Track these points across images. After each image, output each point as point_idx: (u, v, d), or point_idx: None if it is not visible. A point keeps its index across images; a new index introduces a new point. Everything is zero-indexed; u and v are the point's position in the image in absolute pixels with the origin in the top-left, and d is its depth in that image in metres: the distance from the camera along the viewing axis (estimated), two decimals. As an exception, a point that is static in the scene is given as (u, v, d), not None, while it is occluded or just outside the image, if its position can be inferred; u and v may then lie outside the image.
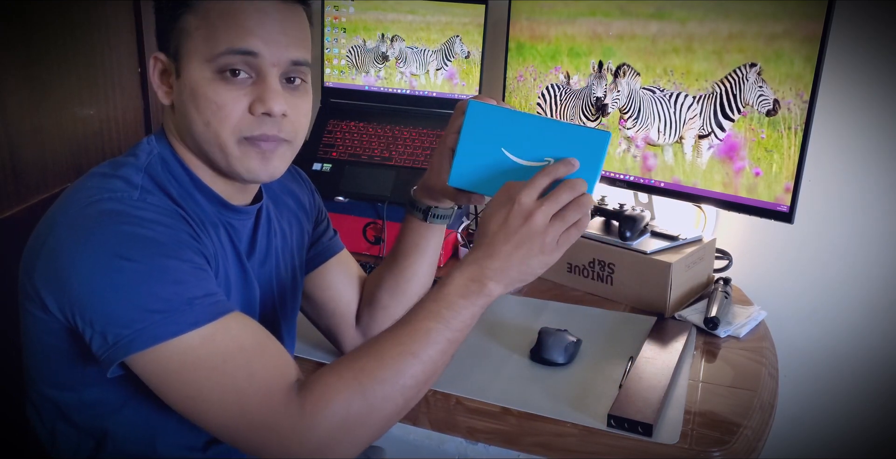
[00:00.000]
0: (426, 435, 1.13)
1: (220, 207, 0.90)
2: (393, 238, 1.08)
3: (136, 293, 0.75)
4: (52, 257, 0.78)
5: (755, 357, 1.23)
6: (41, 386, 0.88)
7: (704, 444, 1.01)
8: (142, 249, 0.76)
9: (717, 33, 1.29)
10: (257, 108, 0.83)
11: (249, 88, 0.83)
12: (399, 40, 1.66)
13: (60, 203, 0.83)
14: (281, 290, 1.01)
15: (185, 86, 0.84)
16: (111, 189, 0.81)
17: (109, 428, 0.88)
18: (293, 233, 1.04)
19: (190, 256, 0.79)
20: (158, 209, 0.80)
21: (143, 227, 0.77)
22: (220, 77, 0.82)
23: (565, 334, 1.21)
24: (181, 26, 0.84)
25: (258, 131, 0.84)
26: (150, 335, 0.75)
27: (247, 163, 0.85)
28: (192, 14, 0.83)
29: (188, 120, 0.85)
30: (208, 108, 0.83)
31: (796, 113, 1.23)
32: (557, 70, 1.49)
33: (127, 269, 0.75)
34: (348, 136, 1.64)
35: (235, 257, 0.92)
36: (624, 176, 1.45)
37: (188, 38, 0.83)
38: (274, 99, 0.83)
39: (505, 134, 0.86)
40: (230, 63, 0.82)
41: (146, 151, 0.88)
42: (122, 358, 0.76)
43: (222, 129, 0.83)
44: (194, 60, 0.83)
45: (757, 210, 1.30)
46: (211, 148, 0.85)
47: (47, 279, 0.79)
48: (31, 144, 1.24)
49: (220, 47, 0.82)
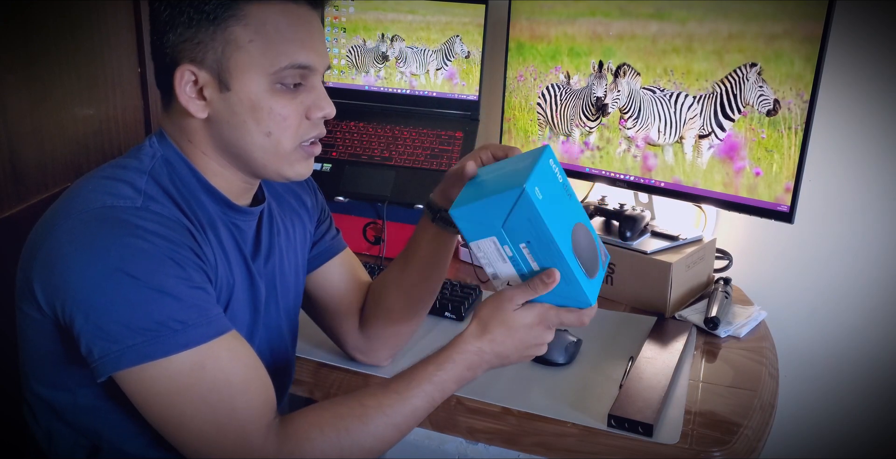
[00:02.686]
0: (426, 435, 1.13)
1: (226, 207, 0.90)
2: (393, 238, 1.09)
3: (131, 311, 0.75)
4: (51, 262, 0.78)
5: (755, 357, 1.23)
6: (36, 386, 0.89)
7: (705, 444, 1.01)
8: (141, 264, 0.76)
9: (718, 33, 1.29)
10: (315, 113, 0.86)
11: (302, 95, 0.86)
12: (399, 40, 1.66)
13: (61, 205, 0.82)
14: (284, 289, 1.01)
15: (241, 99, 0.83)
16: (114, 194, 0.80)
17: (104, 430, 0.88)
18: (296, 232, 1.04)
19: (189, 273, 0.79)
20: (161, 219, 0.80)
21: (144, 239, 0.77)
22: (280, 89, 0.84)
23: (565, 334, 1.21)
24: (228, 38, 0.82)
25: (315, 133, 0.88)
26: (139, 354, 0.76)
27: (298, 167, 0.88)
28: (243, 25, 0.82)
29: (241, 131, 0.85)
30: (272, 119, 0.84)
31: (796, 113, 1.23)
32: (557, 70, 1.49)
33: (125, 285, 0.75)
34: (348, 136, 1.64)
35: (241, 257, 0.92)
36: (624, 176, 1.45)
37: (239, 51, 0.82)
38: (329, 104, 0.87)
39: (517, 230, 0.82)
40: (291, 76, 0.84)
41: (150, 153, 0.87)
42: (109, 373, 0.77)
43: (285, 137, 0.85)
44: (251, 73, 0.83)
45: (757, 210, 1.30)
46: (267, 156, 0.86)
47: (44, 282, 0.79)
48: (31, 144, 1.23)
49: (281, 62, 0.83)
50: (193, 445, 0.80)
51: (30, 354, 0.87)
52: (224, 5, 0.81)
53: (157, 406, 0.79)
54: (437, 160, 1.58)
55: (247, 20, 0.82)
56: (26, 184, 1.23)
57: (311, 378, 1.15)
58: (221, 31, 0.82)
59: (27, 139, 1.23)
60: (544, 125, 1.53)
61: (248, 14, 0.81)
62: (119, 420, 0.86)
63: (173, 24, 0.82)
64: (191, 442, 0.79)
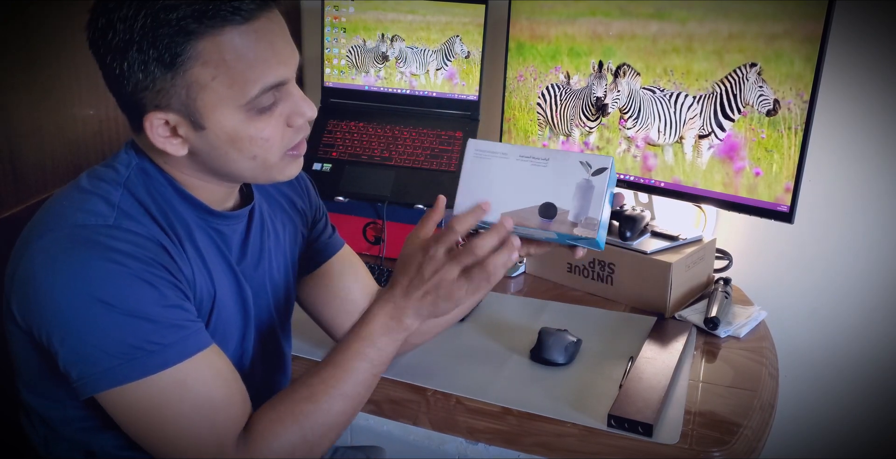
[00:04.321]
0: (426, 435, 1.13)
1: (205, 214, 0.88)
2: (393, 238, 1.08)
3: (105, 336, 0.75)
4: (26, 281, 0.78)
5: (755, 357, 1.23)
6: (28, 397, 0.89)
7: (704, 444, 1.01)
8: (113, 289, 0.75)
9: (718, 33, 1.29)
10: (296, 120, 0.83)
11: (279, 107, 0.82)
12: (399, 40, 1.66)
13: (38, 220, 0.82)
14: (275, 291, 1.01)
15: (218, 134, 0.80)
16: (86, 210, 0.79)
17: (96, 441, 0.88)
18: (286, 233, 1.03)
19: (163, 293, 0.79)
20: (134, 238, 0.79)
21: (115, 262, 0.76)
22: (255, 114, 0.80)
23: (565, 334, 1.21)
24: (189, 81, 0.77)
25: (299, 137, 0.85)
26: (117, 376, 0.76)
27: (287, 171, 0.87)
28: (201, 65, 0.76)
29: (225, 160, 0.83)
30: (255, 144, 0.81)
31: (796, 113, 1.23)
32: (557, 70, 1.49)
33: (100, 313, 0.75)
34: (348, 136, 1.64)
35: (224, 263, 0.91)
36: (624, 176, 1.45)
37: (205, 91, 0.77)
38: (307, 106, 0.83)
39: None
40: (266, 100, 0.80)
41: (125, 163, 0.85)
42: (89, 395, 0.77)
43: (270, 154, 0.83)
44: (222, 108, 0.78)
45: (757, 210, 1.30)
46: (254, 172, 0.85)
47: (20, 301, 0.79)
48: (31, 144, 1.23)
49: (251, 91, 0.78)
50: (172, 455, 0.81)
51: (19, 366, 0.88)
52: (174, 48, 0.75)
53: (140, 422, 0.80)
54: (437, 160, 1.58)
55: (203, 58, 0.76)
56: (26, 184, 1.23)
57: (310, 378, 1.15)
58: (180, 75, 0.76)
59: (27, 139, 1.23)
60: (544, 125, 1.53)
61: (202, 51, 0.75)
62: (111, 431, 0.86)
63: (127, 75, 0.77)
64: (170, 452, 0.81)
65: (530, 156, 0.86)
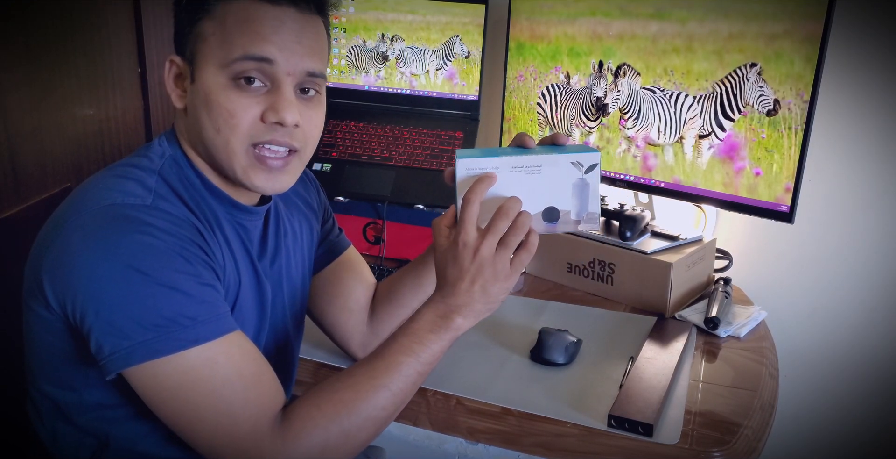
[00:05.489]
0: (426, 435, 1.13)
1: (231, 207, 0.90)
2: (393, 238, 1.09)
3: (141, 307, 0.75)
4: (61, 258, 0.78)
5: (755, 357, 1.23)
6: (42, 385, 0.88)
7: (705, 444, 1.01)
8: (151, 260, 0.76)
9: (718, 33, 1.29)
10: (269, 117, 0.83)
11: (263, 96, 0.83)
12: (399, 40, 1.66)
13: (72, 202, 0.82)
14: (291, 289, 1.01)
15: (199, 91, 0.84)
16: (124, 192, 0.81)
17: (113, 429, 0.87)
18: (303, 232, 1.04)
19: (198, 270, 0.79)
20: (170, 218, 0.80)
21: (153, 236, 0.77)
22: (234, 84, 0.82)
23: (565, 334, 1.21)
24: (198, 31, 0.84)
25: (267, 137, 0.83)
26: (150, 350, 0.75)
27: (253, 177, 0.85)
28: (210, 19, 0.83)
29: (199, 125, 0.85)
30: (220, 115, 0.82)
31: (796, 113, 1.23)
32: (558, 70, 1.49)
33: (136, 282, 0.75)
34: (348, 136, 1.64)
35: (247, 257, 0.92)
36: (624, 176, 1.45)
37: (204, 43, 0.83)
38: (287, 109, 0.82)
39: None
40: (245, 69, 0.82)
41: (158, 153, 0.88)
42: (119, 370, 0.76)
43: (233, 136, 0.83)
44: (209, 65, 0.83)
45: (757, 210, 1.30)
46: (220, 154, 0.85)
47: (54, 278, 0.79)
48: (31, 144, 1.24)
49: (235, 53, 0.81)
50: (207, 438, 0.79)
51: (36, 352, 0.87)
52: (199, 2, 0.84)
53: (170, 402, 0.78)
54: (437, 160, 1.58)
55: (213, 14, 0.83)
56: (26, 184, 1.23)
57: (311, 378, 1.15)
58: (195, 24, 0.84)
59: (27, 139, 1.23)
60: (544, 125, 1.53)
61: (216, 9, 0.83)
62: (128, 419, 0.86)
63: (175, 19, 0.87)
64: (205, 435, 0.79)
65: (522, 166, 0.86)
